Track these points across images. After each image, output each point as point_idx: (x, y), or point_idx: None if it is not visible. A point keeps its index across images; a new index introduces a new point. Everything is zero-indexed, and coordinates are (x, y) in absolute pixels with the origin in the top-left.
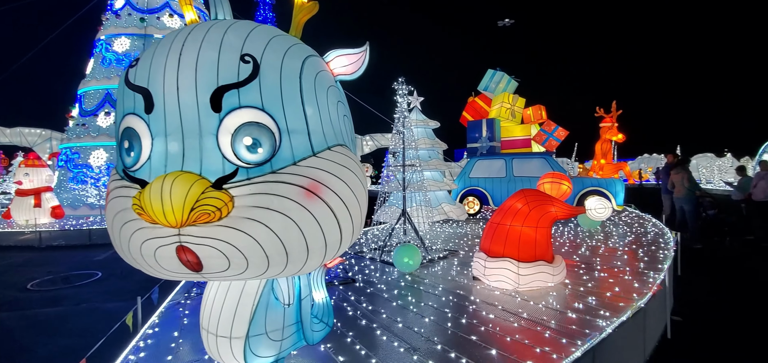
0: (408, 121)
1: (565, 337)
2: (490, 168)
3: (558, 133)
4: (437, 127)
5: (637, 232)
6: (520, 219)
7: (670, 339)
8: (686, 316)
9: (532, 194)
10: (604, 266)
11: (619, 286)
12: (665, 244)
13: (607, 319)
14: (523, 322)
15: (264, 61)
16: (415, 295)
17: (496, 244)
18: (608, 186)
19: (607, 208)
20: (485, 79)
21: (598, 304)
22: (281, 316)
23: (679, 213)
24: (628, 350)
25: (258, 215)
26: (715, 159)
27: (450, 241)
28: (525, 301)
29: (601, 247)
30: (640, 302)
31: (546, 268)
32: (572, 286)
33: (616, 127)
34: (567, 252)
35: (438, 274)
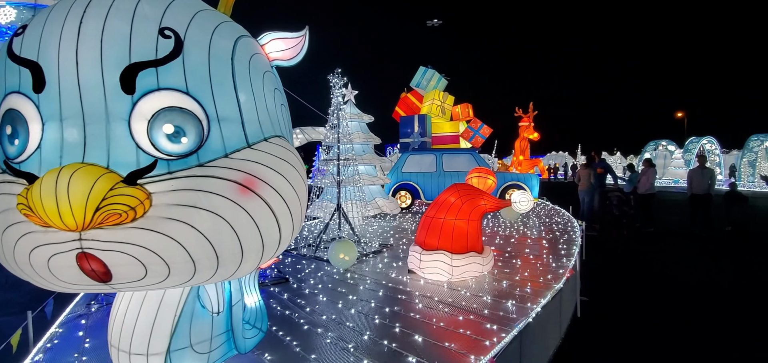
0: (343, 114)
1: (497, 324)
2: (422, 163)
3: (483, 130)
4: (371, 121)
5: (550, 222)
6: (454, 212)
7: (579, 317)
8: (592, 296)
9: (464, 188)
10: (525, 254)
11: (539, 273)
12: (573, 233)
13: (531, 303)
14: (457, 312)
15: (189, 38)
16: (351, 291)
17: (431, 237)
18: (526, 180)
19: (529, 200)
20: (417, 76)
21: (523, 290)
22: (209, 326)
23: (582, 203)
24: (548, 330)
25: (182, 214)
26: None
27: (384, 236)
28: (458, 292)
29: (520, 237)
30: (558, 285)
31: (477, 259)
32: (499, 275)
33: (532, 126)
34: (492, 242)
35: (374, 269)
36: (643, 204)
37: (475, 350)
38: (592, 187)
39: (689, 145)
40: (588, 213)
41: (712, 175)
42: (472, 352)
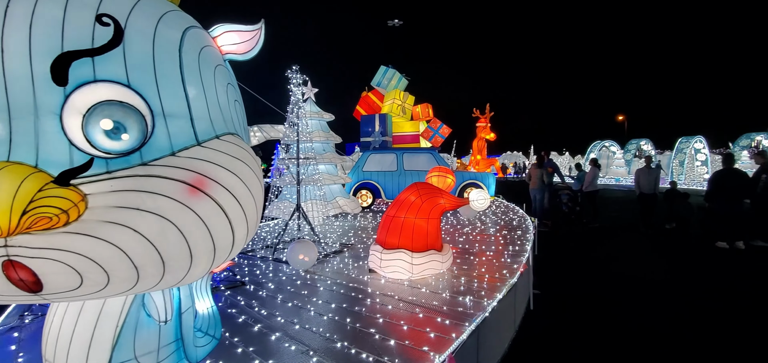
0: (302, 112)
1: (455, 320)
2: (383, 162)
3: (443, 130)
4: (331, 119)
5: (505, 219)
6: (414, 211)
7: (532, 310)
8: (544, 289)
9: (424, 187)
10: (482, 251)
11: (495, 268)
12: (527, 229)
13: (487, 298)
14: (417, 309)
15: (130, 26)
16: (311, 292)
17: (391, 236)
18: (483, 179)
19: (486, 198)
20: (378, 75)
21: (480, 286)
22: (156, 336)
23: (533, 201)
24: (504, 324)
25: (123, 218)
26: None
27: (345, 235)
28: (418, 290)
29: (478, 234)
30: (512, 280)
31: (436, 257)
32: (458, 271)
33: (489, 126)
34: (451, 240)
35: (334, 269)
36: (588, 200)
37: (435, 347)
38: (543, 186)
39: (629, 145)
40: (539, 210)
41: (657, 175)
42: (431, 349)
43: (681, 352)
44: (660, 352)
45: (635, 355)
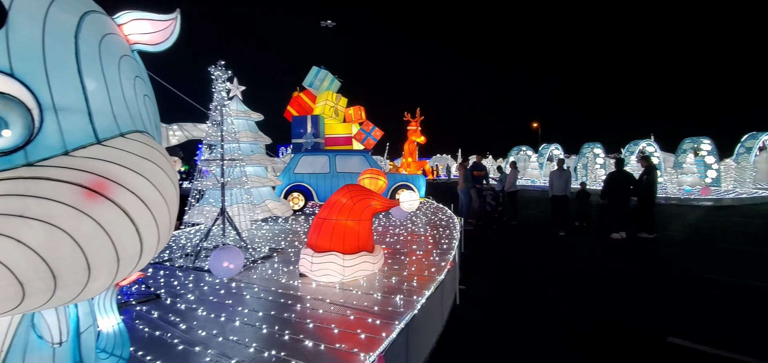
0: (227, 110)
1: (386, 319)
2: (315, 164)
3: (375, 132)
4: (260, 119)
5: (434, 219)
6: (345, 213)
7: (458, 304)
8: (469, 284)
9: (355, 189)
10: (412, 250)
11: (424, 266)
12: (454, 228)
13: (417, 296)
14: (348, 311)
15: (16, 7)
16: (237, 302)
17: (322, 238)
18: (414, 181)
19: (416, 199)
20: (310, 75)
21: (410, 284)
22: (49, 359)
23: (460, 201)
24: (432, 319)
25: (3, 226)
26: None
27: (275, 240)
28: (350, 292)
29: (409, 234)
30: (440, 277)
31: (368, 258)
32: (389, 271)
33: (419, 130)
34: (382, 241)
35: (262, 275)
36: (509, 200)
37: (365, 348)
38: (468, 186)
39: (542, 150)
40: (466, 209)
41: (568, 177)
42: (362, 350)
43: (581, 327)
44: (566, 330)
45: (547, 335)
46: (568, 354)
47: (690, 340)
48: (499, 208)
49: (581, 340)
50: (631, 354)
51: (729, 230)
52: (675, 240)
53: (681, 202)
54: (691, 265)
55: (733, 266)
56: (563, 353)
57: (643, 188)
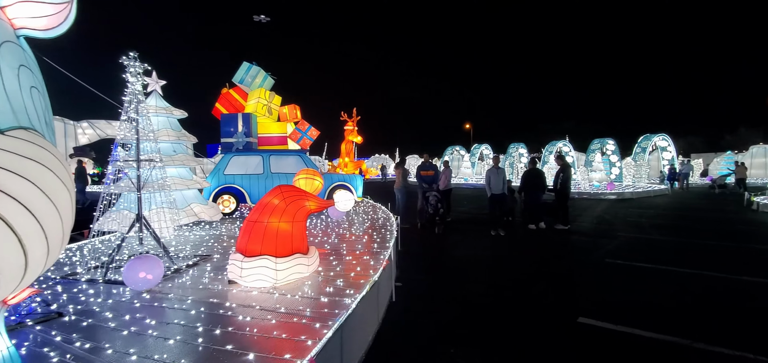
0: (144, 107)
1: (319, 322)
2: (247, 164)
3: (311, 132)
4: (184, 117)
5: (372, 218)
6: (278, 215)
7: (394, 301)
8: (405, 281)
9: (288, 190)
10: (349, 250)
11: (361, 266)
12: (390, 227)
13: (351, 296)
14: (281, 317)
15: None
16: (155, 315)
17: (253, 242)
18: (351, 181)
19: (351, 199)
20: (240, 71)
21: (345, 285)
22: None
23: (396, 200)
24: (367, 318)
25: None
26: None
27: (201, 246)
28: (283, 296)
29: (346, 233)
30: (375, 276)
31: (302, 260)
32: (324, 273)
33: (356, 130)
34: (319, 242)
35: (186, 285)
36: (444, 197)
37: (297, 352)
38: (405, 185)
39: (474, 149)
40: (402, 208)
41: (504, 175)
42: (294, 355)
43: (503, 314)
44: (490, 318)
45: (473, 325)
46: (492, 340)
47: (597, 319)
48: (442, 210)
49: (503, 326)
50: (547, 336)
51: (628, 220)
52: (585, 230)
53: (591, 196)
54: (597, 252)
55: (629, 251)
56: (487, 340)
57: (558, 184)
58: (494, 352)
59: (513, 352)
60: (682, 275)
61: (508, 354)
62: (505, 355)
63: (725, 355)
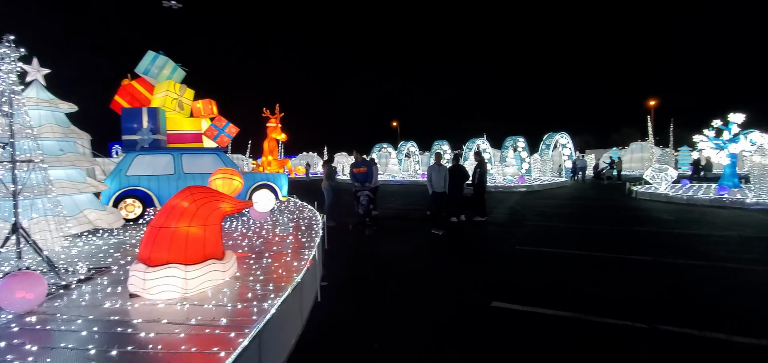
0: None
1: (234, 330)
2: (155, 164)
3: (229, 129)
4: (73, 111)
5: (297, 218)
6: (188, 218)
7: (320, 301)
8: (331, 280)
9: (199, 191)
10: (272, 252)
11: (283, 267)
12: (317, 226)
13: (271, 300)
14: (191, 329)
15: None
16: (38, 340)
17: (158, 250)
18: (275, 180)
19: (271, 199)
20: (145, 61)
21: (265, 289)
22: None
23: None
24: (289, 322)
25: None
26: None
27: (97, 257)
28: (195, 307)
29: (268, 235)
30: (298, 278)
31: (217, 266)
32: (243, 278)
33: (279, 127)
34: (238, 245)
35: (78, 303)
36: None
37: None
38: (331, 184)
39: (401, 147)
40: (329, 207)
41: (446, 172)
42: None
43: (426, 305)
44: (415, 311)
45: (397, 319)
46: (414, 331)
47: (508, 302)
48: (374, 211)
49: (424, 317)
50: (464, 321)
51: (535, 210)
52: (499, 221)
53: (505, 189)
54: (510, 240)
55: (536, 238)
56: (409, 331)
57: (476, 179)
58: (415, 342)
59: (433, 341)
60: (578, 257)
61: (428, 343)
62: (425, 345)
63: (611, 325)
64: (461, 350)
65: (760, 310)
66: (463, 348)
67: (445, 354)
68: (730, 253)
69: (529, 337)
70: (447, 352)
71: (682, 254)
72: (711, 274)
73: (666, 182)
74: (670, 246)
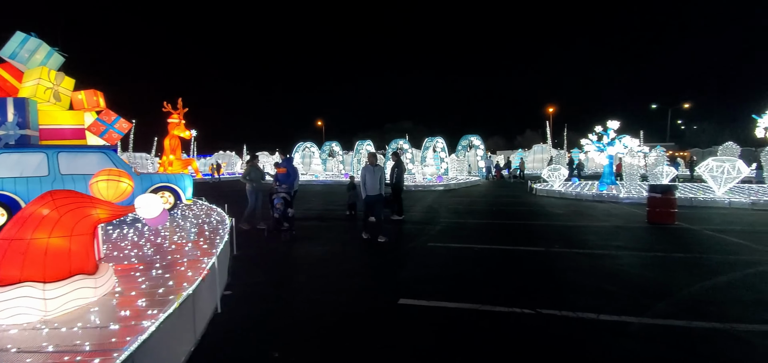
0: None
1: (100, 356)
2: (24, 164)
3: (120, 124)
4: None
5: (202, 223)
6: (47, 228)
7: (220, 312)
8: (236, 288)
9: (64, 196)
10: (165, 261)
11: (175, 279)
12: (223, 230)
13: (153, 317)
14: (48, 358)
15: None
16: None
17: (9, 266)
18: (177, 181)
19: (158, 204)
20: (12, 43)
21: (148, 304)
22: None
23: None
24: (178, 339)
25: None
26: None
27: None
28: (55, 331)
29: (163, 243)
30: (190, 289)
31: (86, 282)
32: (123, 293)
33: (183, 123)
34: (124, 255)
35: None
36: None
37: None
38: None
39: (324, 146)
40: (251, 210)
41: (382, 174)
42: None
43: (336, 306)
44: (326, 313)
45: (306, 321)
46: (319, 336)
47: (415, 299)
48: (291, 214)
49: (332, 321)
50: (372, 321)
51: (449, 208)
52: (416, 219)
53: (425, 188)
54: (422, 237)
55: (448, 235)
56: (314, 337)
57: (393, 179)
58: (318, 349)
59: (337, 345)
60: (483, 251)
61: (332, 348)
62: (328, 350)
63: (503, 313)
64: (364, 352)
65: (621, 289)
66: (366, 350)
67: (348, 358)
68: (603, 241)
69: (431, 331)
70: (350, 355)
71: (567, 244)
72: (587, 260)
73: (559, 180)
74: (559, 237)
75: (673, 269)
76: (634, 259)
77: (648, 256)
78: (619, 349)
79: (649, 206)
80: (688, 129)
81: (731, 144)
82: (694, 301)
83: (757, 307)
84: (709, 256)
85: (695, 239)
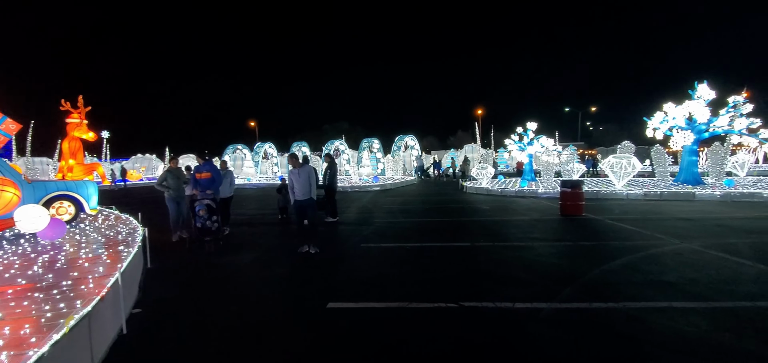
0: None
1: None
2: None
3: (6, 125)
4: None
5: (108, 235)
6: None
7: (126, 333)
8: (147, 306)
9: None
10: (59, 281)
11: (67, 300)
12: (133, 243)
13: (35, 345)
14: None
15: None
16: None
17: None
18: (78, 189)
19: (41, 216)
20: None
21: (34, 330)
22: None
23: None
24: None
25: None
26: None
27: None
28: None
29: (60, 259)
30: (85, 310)
31: None
32: (2, 319)
33: (85, 124)
34: (10, 277)
35: None
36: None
37: None
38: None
39: (257, 148)
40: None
41: (310, 172)
42: None
43: (264, 313)
44: (245, 321)
45: (227, 335)
46: (240, 349)
47: (344, 301)
48: (216, 224)
49: (256, 333)
50: (298, 327)
51: (384, 208)
52: (350, 220)
53: (361, 188)
54: (355, 238)
55: (381, 235)
56: (235, 350)
57: (326, 181)
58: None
59: (257, 358)
60: (413, 249)
61: (253, 359)
62: None
63: (428, 308)
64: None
65: (536, 277)
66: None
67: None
68: (522, 234)
69: (357, 333)
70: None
71: (491, 238)
72: (508, 252)
73: (486, 178)
74: (484, 232)
75: (579, 256)
76: (548, 249)
77: (560, 246)
78: (532, 334)
79: (561, 200)
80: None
81: (628, 143)
82: (595, 284)
83: (646, 286)
84: (608, 243)
85: (599, 228)
